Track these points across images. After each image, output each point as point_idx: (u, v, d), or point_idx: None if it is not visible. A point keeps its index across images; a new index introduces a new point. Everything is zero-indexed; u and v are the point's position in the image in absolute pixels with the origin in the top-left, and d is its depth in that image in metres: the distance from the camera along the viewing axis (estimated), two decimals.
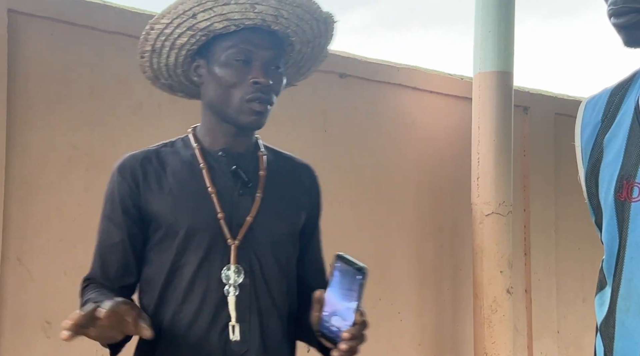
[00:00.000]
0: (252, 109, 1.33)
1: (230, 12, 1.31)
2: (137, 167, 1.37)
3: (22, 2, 2.58)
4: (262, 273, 1.34)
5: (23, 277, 2.57)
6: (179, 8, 1.34)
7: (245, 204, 1.35)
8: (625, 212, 0.98)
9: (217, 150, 1.39)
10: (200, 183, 1.35)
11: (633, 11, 0.95)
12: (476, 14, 3.55)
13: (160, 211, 1.33)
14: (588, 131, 1.10)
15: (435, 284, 3.78)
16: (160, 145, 1.44)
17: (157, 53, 1.41)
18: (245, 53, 1.33)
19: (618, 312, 0.99)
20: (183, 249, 1.32)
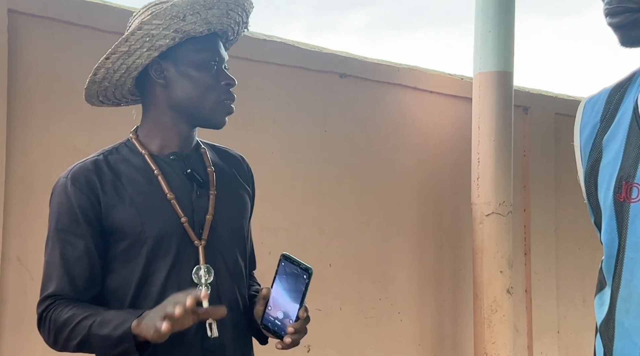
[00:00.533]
0: (226, 110, 1.43)
1: (211, 16, 1.39)
2: (92, 178, 1.37)
3: (22, 2, 2.58)
4: (227, 268, 1.40)
5: (23, 277, 2.57)
6: (173, 10, 1.37)
7: (203, 204, 1.40)
8: (625, 213, 0.98)
9: (168, 154, 1.42)
10: (159, 190, 1.38)
11: (627, 11, 0.96)
12: (476, 14, 3.55)
13: (124, 222, 1.34)
14: (587, 131, 1.10)
15: (436, 284, 3.78)
16: (104, 152, 1.43)
17: (130, 54, 1.42)
18: (215, 56, 1.42)
19: (618, 313, 0.99)
20: (153, 257, 1.35)
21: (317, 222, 3.34)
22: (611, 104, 1.08)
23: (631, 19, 0.96)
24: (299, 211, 3.29)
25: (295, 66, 3.31)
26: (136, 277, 1.35)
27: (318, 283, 3.31)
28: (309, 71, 3.37)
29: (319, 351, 3.31)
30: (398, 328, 3.62)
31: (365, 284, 3.49)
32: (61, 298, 1.35)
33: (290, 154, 3.28)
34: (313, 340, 3.29)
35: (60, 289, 1.35)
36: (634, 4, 0.95)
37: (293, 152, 3.29)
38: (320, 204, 3.36)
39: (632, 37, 0.98)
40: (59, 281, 1.35)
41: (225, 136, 2.89)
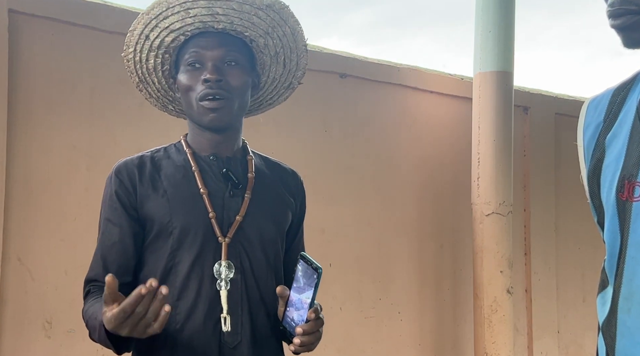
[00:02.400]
0: (205, 108, 1.39)
1: (172, 23, 1.40)
2: (134, 171, 1.44)
3: (22, 2, 2.58)
4: (251, 269, 1.41)
5: (24, 277, 2.57)
6: (134, 34, 1.44)
7: (235, 204, 1.42)
8: (627, 212, 0.98)
9: (208, 155, 1.46)
10: (193, 185, 1.41)
11: (629, 13, 0.96)
12: (476, 14, 3.55)
13: (155, 212, 1.39)
14: (590, 130, 1.10)
15: (436, 284, 3.78)
16: (154, 150, 1.51)
17: (145, 82, 1.52)
18: (195, 57, 1.41)
19: (620, 312, 1.00)
20: (177, 247, 1.38)
21: (317, 222, 3.34)
22: (614, 104, 1.08)
23: (633, 20, 0.96)
24: None
25: None
26: (161, 266, 1.38)
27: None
28: (309, 71, 3.32)
29: (319, 351, 3.30)
30: (398, 328, 3.62)
31: (365, 284, 3.49)
32: (96, 284, 1.42)
33: (291, 154, 3.27)
34: None
35: (95, 274, 1.42)
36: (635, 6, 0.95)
37: (293, 152, 3.29)
38: (320, 204, 3.36)
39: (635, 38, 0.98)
40: (95, 266, 1.43)
41: None
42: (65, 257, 2.64)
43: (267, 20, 1.43)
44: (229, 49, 1.41)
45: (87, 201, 2.69)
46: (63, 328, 2.62)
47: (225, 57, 1.41)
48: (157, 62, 1.46)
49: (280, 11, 1.44)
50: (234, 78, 1.41)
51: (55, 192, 2.64)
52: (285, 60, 1.52)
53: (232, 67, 1.41)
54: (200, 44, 1.41)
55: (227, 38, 1.42)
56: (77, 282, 2.66)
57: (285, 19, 1.45)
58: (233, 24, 1.40)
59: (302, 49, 1.52)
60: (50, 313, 2.60)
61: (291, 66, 1.54)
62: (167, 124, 2.89)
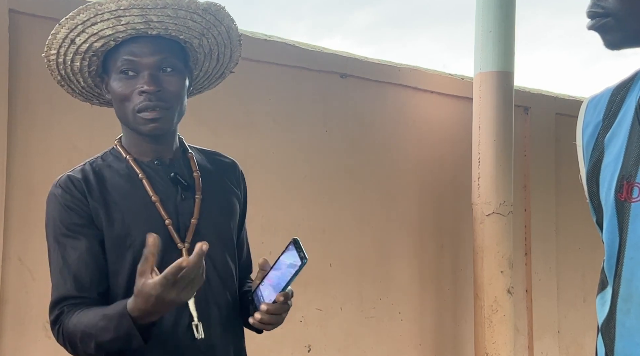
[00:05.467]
0: (144, 119, 1.35)
1: (101, 29, 1.35)
2: (81, 184, 1.39)
3: (23, 2, 2.58)
4: (215, 270, 1.40)
5: (24, 277, 2.57)
6: (57, 37, 1.40)
7: (188, 207, 1.40)
8: (626, 212, 0.98)
9: (151, 160, 1.42)
10: (143, 194, 1.38)
11: (597, 15, 0.99)
12: (477, 14, 3.55)
13: (109, 227, 1.35)
14: (589, 130, 1.10)
15: (436, 284, 3.78)
16: (91, 160, 1.46)
17: (68, 80, 1.48)
18: (129, 64, 1.35)
19: (618, 313, 1.00)
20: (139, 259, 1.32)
21: (317, 222, 3.34)
22: (613, 104, 1.08)
23: (601, 23, 0.99)
24: (300, 211, 3.29)
25: (296, 66, 3.31)
26: (124, 281, 1.35)
27: (319, 283, 3.32)
28: (310, 71, 3.37)
29: (319, 351, 3.31)
30: (398, 328, 3.62)
31: (365, 284, 3.49)
32: (69, 301, 1.38)
33: (291, 154, 3.28)
34: (314, 340, 3.29)
35: (66, 291, 1.38)
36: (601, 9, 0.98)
37: (294, 152, 3.29)
38: (320, 204, 3.36)
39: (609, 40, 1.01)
40: (64, 283, 1.38)
41: (226, 136, 2.91)
42: None
43: (202, 22, 1.40)
44: (164, 54, 1.36)
45: None
46: None
47: (161, 64, 1.35)
48: (83, 65, 1.42)
49: (216, 13, 1.40)
50: (172, 85, 1.36)
51: None
52: (219, 55, 1.50)
53: (169, 74, 1.36)
54: (133, 50, 1.35)
55: (160, 42, 1.37)
56: None
57: (220, 20, 1.42)
58: (168, 30, 1.36)
59: (236, 43, 1.49)
60: None
61: (224, 59, 1.52)
62: None
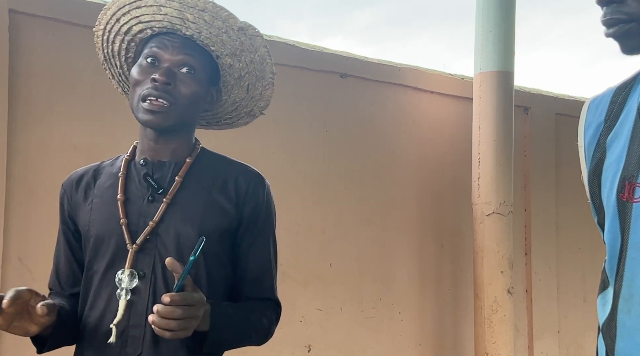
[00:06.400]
0: (143, 108, 1.35)
1: (142, 14, 1.38)
2: (73, 182, 1.47)
3: (23, 2, 2.58)
4: (164, 276, 1.34)
5: (24, 277, 2.57)
6: (107, 13, 1.42)
7: (152, 210, 1.37)
8: (627, 213, 0.98)
9: (140, 159, 1.43)
10: (116, 192, 1.40)
11: (620, 22, 0.98)
12: (477, 14, 3.55)
13: (81, 222, 1.42)
14: (591, 130, 1.10)
15: (436, 284, 3.78)
16: (108, 159, 1.51)
17: (109, 62, 1.50)
18: (154, 54, 1.37)
19: (619, 313, 1.00)
20: (94, 256, 1.38)
21: (317, 222, 3.34)
22: (615, 104, 1.08)
23: (624, 29, 0.98)
24: (300, 211, 3.29)
25: (296, 66, 3.31)
26: (83, 278, 1.41)
27: (319, 283, 3.32)
28: (310, 71, 3.37)
29: (319, 351, 3.31)
30: (398, 328, 3.62)
31: (365, 284, 3.49)
32: (52, 292, 1.49)
33: (291, 154, 3.28)
34: (314, 340, 3.29)
35: (51, 283, 1.51)
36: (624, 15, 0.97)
37: (294, 152, 3.29)
38: (321, 205, 3.36)
39: (630, 46, 1.00)
40: (51, 275, 1.50)
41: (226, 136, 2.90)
42: None
43: (236, 42, 1.39)
44: (190, 56, 1.37)
45: None
46: None
47: (183, 63, 1.36)
48: (121, 47, 1.44)
49: (253, 37, 1.40)
50: (185, 86, 1.36)
51: (55, 192, 2.63)
52: (250, 87, 1.47)
53: (187, 75, 1.36)
54: (163, 42, 1.37)
55: (193, 46, 1.38)
56: None
57: (256, 47, 1.41)
58: (201, 35, 1.36)
59: (269, 81, 1.48)
60: None
61: (254, 93, 1.50)
62: None
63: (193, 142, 1.47)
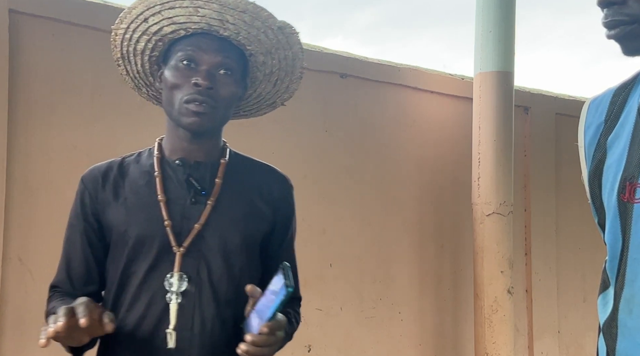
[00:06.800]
0: (189, 110, 1.33)
1: (176, 15, 1.34)
2: (98, 178, 1.40)
3: (23, 2, 2.58)
4: (210, 281, 1.34)
5: (24, 277, 2.57)
6: (132, 12, 1.39)
7: (196, 212, 1.35)
8: (628, 213, 0.98)
9: (175, 158, 1.40)
10: (153, 192, 1.36)
11: (622, 24, 0.98)
12: (477, 14, 3.55)
13: (113, 221, 1.36)
14: (591, 131, 1.11)
15: (436, 284, 3.78)
16: (128, 155, 1.47)
17: (127, 60, 1.47)
18: (190, 56, 1.35)
19: (620, 313, 1.00)
20: (133, 258, 1.34)
21: (317, 222, 3.34)
22: (615, 105, 1.08)
23: (626, 31, 0.98)
24: (300, 211, 3.27)
25: None
26: (118, 277, 1.35)
27: (319, 283, 3.32)
28: (310, 71, 3.34)
29: (319, 351, 3.31)
30: (399, 328, 3.62)
31: (365, 284, 3.49)
32: (58, 290, 1.42)
33: (291, 154, 3.28)
34: (314, 340, 3.29)
35: (58, 281, 1.43)
36: (626, 17, 0.97)
37: (294, 152, 3.29)
38: (321, 205, 3.36)
39: (632, 47, 1.00)
40: (59, 273, 1.42)
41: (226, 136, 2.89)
42: None
43: (273, 40, 1.39)
44: (227, 56, 1.36)
45: None
46: None
47: (221, 65, 1.35)
48: (147, 46, 1.41)
49: (290, 35, 1.40)
50: (225, 88, 1.35)
51: (55, 192, 2.64)
52: (277, 81, 1.48)
53: (225, 77, 1.36)
54: (200, 44, 1.35)
55: (227, 45, 1.37)
56: None
57: (291, 44, 1.42)
58: (239, 35, 1.35)
59: (297, 76, 1.49)
60: None
61: (281, 87, 1.50)
62: None
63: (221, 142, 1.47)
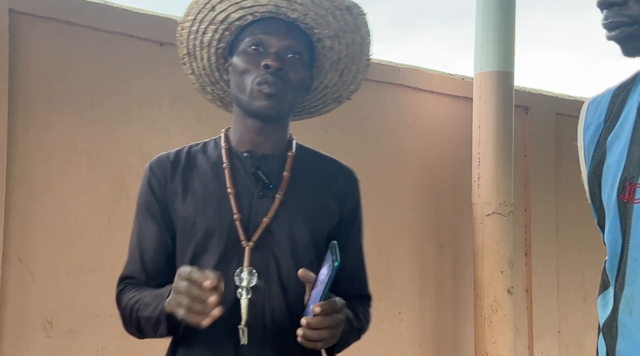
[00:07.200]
0: (261, 92, 1.30)
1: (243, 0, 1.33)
2: (167, 166, 1.38)
3: (23, 2, 2.58)
4: (279, 275, 1.32)
5: (24, 277, 2.57)
6: (199, 2, 1.36)
7: (264, 206, 1.33)
8: (628, 213, 0.98)
9: (243, 150, 1.38)
10: (222, 184, 1.34)
11: (622, 25, 0.97)
12: (477, 14, 3.55)
13: (182, 212, 1.34)
14: (591, 131, 1.10)
15: (436, 284, 3.78)
16: (194, 144, 1.44)
17: (193, 56, 1.43)
18: (259, 41, 1.33)
19: (621, 313, 1.00)
20: (201, 250, 1.31)
21: None
22: (615, 105, 1.08)
23: (627, 32, 0.98)
24: None
25: None
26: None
27: None
28: None
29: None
30: (399, 328, 3.61)
31: None
32: (131, 281, 1.37)
33: None
34: None
35: (131, 271, 1.37)
36: (626, 18, 0.97)
37: None
38: None
39: (632, 48, 1.00)
40: (131, 264, 1.37)
41: None
42: (65, 257, 2.64)
43: (341, 22, 1.35)
44: (295, 40, 1.33)
45: (88, 201, 2.69)
46: (63, 328, 2.62)
47: (290, 48, 1.33)
48: (214, 37, 1.38)
49: (358, 17, 1.36)
50: (294, 71, 1.33)
51: (55, 192, 2.64)
52: (344, 70, 1.45)
53: (294, 60, 1.33)
54: (267, 29, 1.32)
55: (294, 29, 1.34)
56: (77, 282, 2.66)
57: (359, 27, 1.38)
58: (307, 17, 1.32)
59: (364, 64, 1.45)
60: (50, 313, 2.60)
61: (347, 77, 1.47)
62: (167, 124, 2.89)
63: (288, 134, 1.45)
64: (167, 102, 2.85)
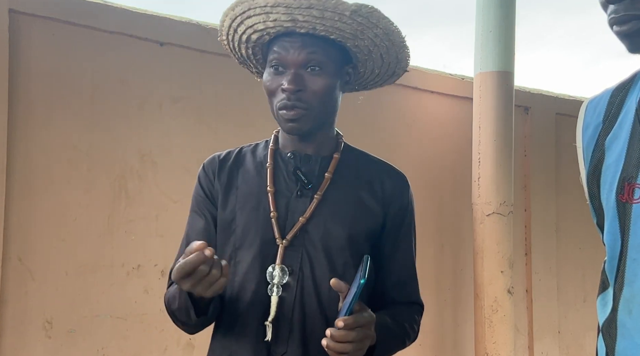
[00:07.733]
0: (282, 118, 1.35)
1: (255, 23, 1.37)
2: (216, 164, 1.45)
3: (23, 2, 2.58)
4: (312, 275, 1.34)
5: (24, 277, 2.57)
6: (224, 25, 1.42)
7: (301, 205, 1.37)
8: (627, 214, 0.98)
9: (288, 151, 1.43)
10: (263, 183, 1.39)
11: (635, 18, 0.94)
12: (477, 14, 3.55)
13: (224, 208, 1.40)
14: (589, 132, 1.10)
15: (436, 284, 3.78)
16: (246, 145, 1.51)
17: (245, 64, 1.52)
18: (278, 59, 1.36)
19: (620, 313, 1.00)
20: (239, 246, 1.36)
21: None
22: (613, 105, 1.08)
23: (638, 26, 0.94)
24: None
25: None
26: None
27: None
28: None
29: None
30: None
31: None
32: None
33: None
34: None
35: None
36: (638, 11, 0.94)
37: None
38: None
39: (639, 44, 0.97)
40: (179, 256, 1.39)
41: (226, 135, 2.90)
42: (65, 257, 2.64)
43: (353, 24, 1.35)
44: (313, 51, 1.34)
45: (88, 201, 2.69)
46: (63, 328, 2.62)
47: (308, 62, 1.34)
48: (248, 53, 1.46)
49: (369, 15, 1.35)
50: (315, 85, 1.34)
51: (55, 192, 2.64)
52: (383, 55, 1.44)
53: (315, 74, 1.35)
54: (284, 45, 1.35)
55: (311, 39, 1.35)
56: (77, 282, 2.66)
57: (375, 22, 1.37)
58: (316, 29, 1.33)
59: (401, 45, 1.43)
60: (50, 313, 2.60)
61: (390, 59, 1.46)
62: (167, 124, 2.89)
63: (335, 134, 1.48)
64: (167, 102, 2.85)
